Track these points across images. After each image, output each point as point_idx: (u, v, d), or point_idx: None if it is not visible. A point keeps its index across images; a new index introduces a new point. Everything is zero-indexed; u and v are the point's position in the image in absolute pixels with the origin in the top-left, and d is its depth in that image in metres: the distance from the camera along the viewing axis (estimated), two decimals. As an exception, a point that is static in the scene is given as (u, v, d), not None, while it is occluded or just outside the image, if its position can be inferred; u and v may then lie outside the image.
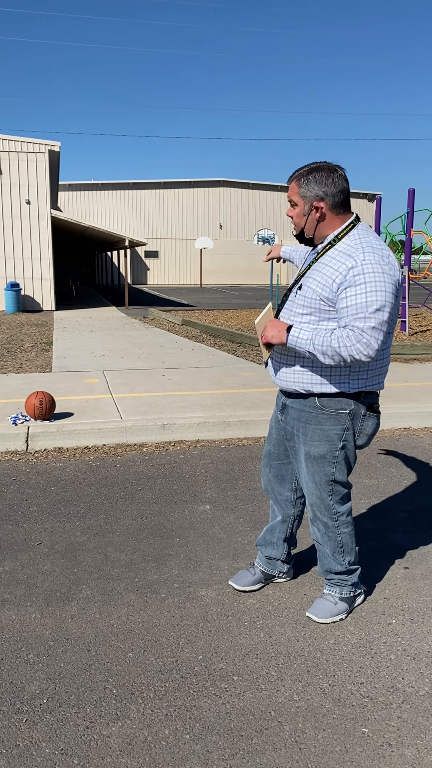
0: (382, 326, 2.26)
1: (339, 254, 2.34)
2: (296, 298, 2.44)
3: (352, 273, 2.27)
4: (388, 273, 2.27)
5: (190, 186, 42.17)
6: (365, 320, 2.24)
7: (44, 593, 2.89)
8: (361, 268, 2.26)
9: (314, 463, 2.54)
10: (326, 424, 2.48)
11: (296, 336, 2.35)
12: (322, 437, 2.50)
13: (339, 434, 2.49)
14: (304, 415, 2.52)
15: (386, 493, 4.14)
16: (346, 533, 2.65)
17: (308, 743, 2.01)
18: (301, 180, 2.38)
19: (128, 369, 7.99)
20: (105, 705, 2.18)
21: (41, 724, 2.10)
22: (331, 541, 2.64)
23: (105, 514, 3.76)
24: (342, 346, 2.26)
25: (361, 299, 2.25)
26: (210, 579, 3.02)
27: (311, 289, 2.37)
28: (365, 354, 2.26)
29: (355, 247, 2.32)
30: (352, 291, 2.26)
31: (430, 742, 2.02)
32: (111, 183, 41.10)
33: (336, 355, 2.28)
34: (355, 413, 2.48)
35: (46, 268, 18.12)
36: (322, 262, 2.39)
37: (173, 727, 2.08)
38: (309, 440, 2.53)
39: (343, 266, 2.29)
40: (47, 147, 17.41)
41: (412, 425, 5.75)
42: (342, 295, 2.29)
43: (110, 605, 2.79)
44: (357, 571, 2.73)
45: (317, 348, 2.30)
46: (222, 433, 5.35)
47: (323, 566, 2.72)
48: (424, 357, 9.15)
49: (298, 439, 2.58)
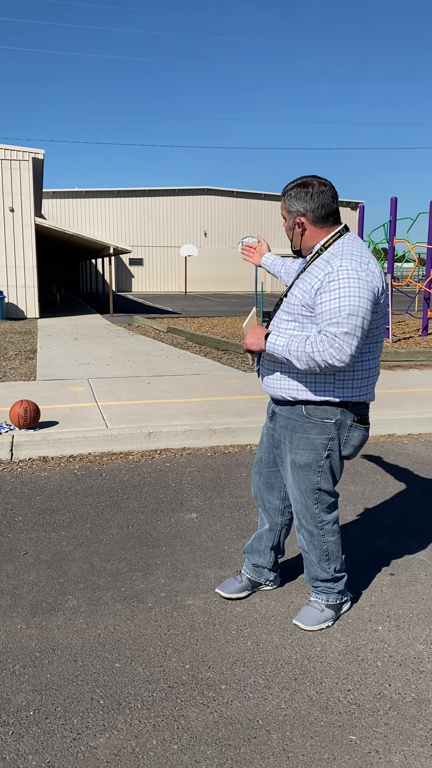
0: (355, 331, 2.25)
1: (320, 262, 2.40)
2: (283, 306, 2.50)
3: (327, 279, 2.30)
4: (364, 279, 2.27)
5: (174, 194, 42.25)
6: (338, 325, 2.25)
7: (30, 604, 2.87)
8: (336, 273, 2.28)
9: (299, 472, 2.55)
10: (311, 433, 2.50)
11: (273, 342, 2.39)
12: (307, 446, 2.51)
13: (324, 443, 2.50)
14: (291, 423, 2.54)
15: (371, 500, 4.16)
16: (332, 541, 2.65)
17: (296, 751, 2.02)
18: (285, 196, 2.49)
19: (113, 377, 7.97)
20: (92, 716, 2.17)
21: (28, 736, 2.08)
22: (316, 549, 2.65)
23: (91, 524, 3.75)
24: (315, 351, 2.26)
25: (334, 304, 2.26)
26: (197, 587, 3.02)
27: (294, 296, 2.43)
28: (338, 359, 2.25)
29: (334, 254, 2.36)
30: (326, 296, 2.28)
31: (417, 748, 2.03)
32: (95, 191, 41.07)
33: (310, 361, 2.28)
34: (341, 423, 2.48)
35: (30, 275, 18.05)
36: (307, 270, 2.44)
37: (161, 738, 2.07)
38: (294, 448, 2.54)
39: (321, 272, 2.35)
40: (31, 155, 17.37)
41: (396, 432, 5.79)
42: (317, 300, 2.32)
43: (97, 615, 2.78)
44: (343, 579, 2.74)
45: (292, 354, 2.32)
46: (208, 441, 5.35)
47: (310, 574, 2.74)
48: (407, 364, 9.23)
49: (285, 447, 2.60)
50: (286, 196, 2.48)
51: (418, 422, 5.87)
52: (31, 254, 17.95)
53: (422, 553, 3.39)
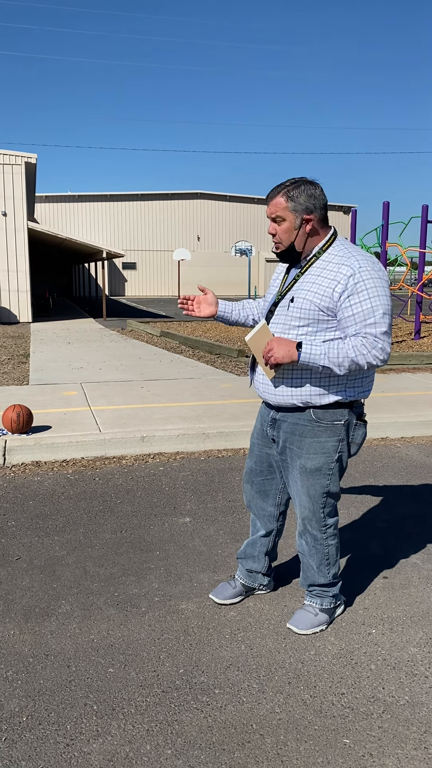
0: (390, 329, 2.33)
1: (331, 264, 2.36)
2: (290, 311, 2.41)
3: (352, 281, 2.30)
4: (383, 278, 2.34)
5: (167, 198, 42.29)
6: (375, 326, 2.29)
7: (23, 609, 2.86)
8: (359, 275, 2.30)
9: (309, 477, 2.53)
10: (322, 437, 2.48)
11: (309, 352, 2.31)
12: (318, 450, 2.49)
13: (335, 446, 2.50)
14: (299, 429, 2.50)
15: (365, 503, 4.17)
16: (333, 545, 2.66)
17: (290, 755, 2.01)
18: (289, 194, 2.36)
19: (107, 381, 7.96)
20: (85, 721, 2.16)
21: (20, 742, 2.07)
22: (318, 553, 2.65)
23: (84, 528, 3.74)
24: (359, 355, 2.29)
25: (366, 305, 2.29)
26: (190, 592, 3.01)
27: (308, 300, 2.36)
28: (381, 359, 2.32)
29: (346, 256, 2.35)
30: (356, 299, 2.30)
31: (410, 751, 2.04)
32: (88, 195, 41.06)
33: (353, 365, 2.30)
34: (348, 423, 2.50)
35: (23, 280, 18.01)
36: (313, 273, 2.40)
37: (155, 743, 2.06)
38: (305, 453, 2.51)
39: (341, 275, 2.32)
40: (24, 159, 17.36)
41: (390, 435, 5.81)
42: (345, 304, 2.31)
43: (90, 620, 2.77)
44: (338, 584, 2.74)
45: (332, 360, 2.30)
46: (202, 445, 5.35)
47: (307, 579, 2.73)
48: (400, 367, 9.26)
49: (292, 453, 2.55)
50: (289, 195, 2.35)
51: (411, 425, 5.88)
52: (23, 258, 17.92)
53: (415, 557, 3.40)
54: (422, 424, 5.91)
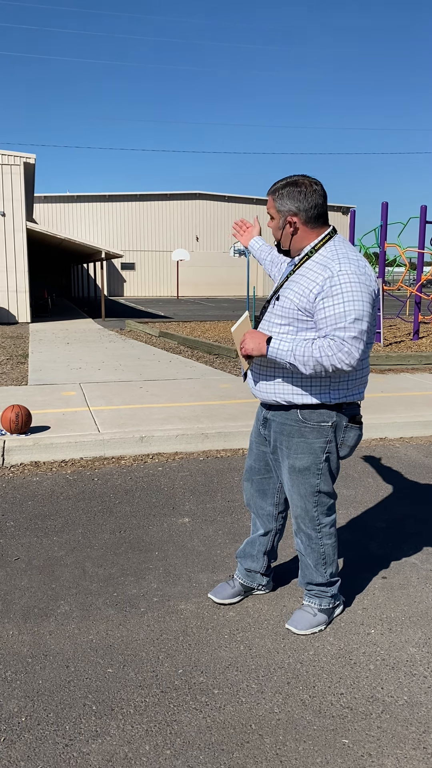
0: (362, 335, 2.28)
1: (315, 265, 2.37)
2: (274, 309, 2.45)
3: (329, 283, 2.29)
4: (364, 283, 2.29)
5: (166, 198, 42.29)
6: (345, 330, 2.26)
7: (22, 609, 2.86)
8: (337, 278, 2.28)
9: (298, 476, 2.54)
10: (309, 437, 2.49)
11: (276, 347, 2.34)
12: (305, 450, 2.50)
13: (322, 446, 2.50)
14: (287, 428, 2.52)
15: (363, 504, 4.17)
16: (329, 545, 2.66)
17: (289, 755, 2.01)
18: (276, 194, 2.41)
19: (105, 381, 7.96)
20: (84, 722, 2.16)
21: (19, 743, 2.07)
22: (314, 552, 2.65)
23: (83, 529, 3.74)
24: (324, 356, 2.27)
25: (339, 309, 2.27)
26: (189, 592, 3.01)
27: (289, 299, 2.39)
28: (347, 363, 2.27)
29: (331, 257, 2.35)
30: (329, 301, 2.28)
31: (409, 751, 2.04)
32: (87, 195, 41.05)
33: (318, 365, 2.28)
34: (337, 425, 2.49)
35: (22, 280, 18.00)
36: (299, 273, 2.41)
37: (154, 743, 2.06)
38: (293, 453, 2.53)
39: (320, 276, 2.32)
40: (22, 159, 17.35)
41: (388, 435, 5.81)
42: (320, 305, 2.30)
43: (89, 620, 2.77)
44: (337, 583, 2.74)
45: (298, 359, 2.30)
46: (200, 445, 5.35)
47: (305, 577, 2.73)
48: (398, 368, 9.26)
49: (281, 452, 2.58)
50: (276, 194, 2.41)
51: (410, 426, 5.89)
52: (22, 259, 17.91)
53: (414, 557, 3.40)
54: (421, 425, 5.92)
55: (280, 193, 2.40)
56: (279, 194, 2.40)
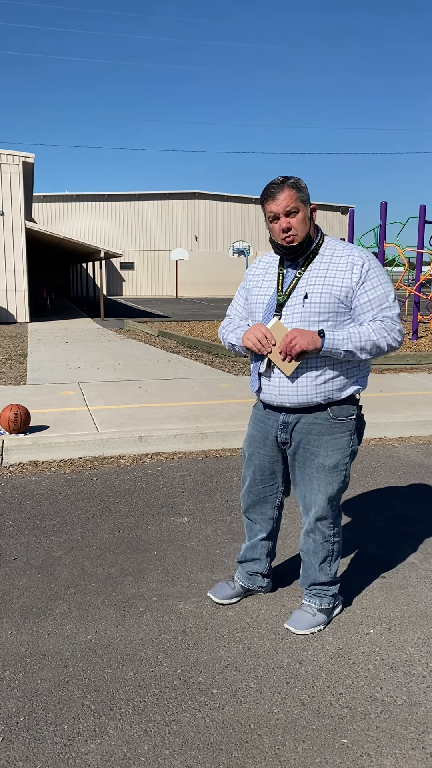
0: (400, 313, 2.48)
1: (337, 258, 2.42)
2: (307, 308, 2.38)
3: (364, 269, 2.39)
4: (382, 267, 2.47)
5: (165, 198, 42.28)
6: (390, 309, 2.41)
7: (20, 609, 2.85)
8: (369, 263, 2.41)
9: (328, 474, 2.54)
10: (337, 433, 2.52)
11: (332, 338, 2.33)
12: (335, 446, 2.52)
13: (348, 440, 2.55)
14: (316, 428, 2.51)
15: (362, 503, 4.17)
16: (338, 542, 2.70)
17: (288, 755, 2.01)
18: (297, 186, 2.36)
19: (104, 381, 7.95)
20: (83, 722, 2.16)
21: (18, 743, 2.06)
22: (324, 550, 2.66)
23: (82, 528, 3.73)
24: (380, 338, 2.37)
25: (380, 291, 2.40)
26: (188, 592, 3.01)
27: (326, 294, 2.37)
28: (399, 341, 2.42)
29: (348, 248, 2.45)
30: (369, 285, 2.39)
31: (408, 751, 2.03)
32: (85, 195, 41.03)
33: (374, 348, 2.38)
34: (357, 417, 2.56)
35: (21, 279, 17.99)
36: (319, 268, 2.41)
37: (152, 743, 2.06)
38: (323, 451, 2.52)
39: (354, 265, 2.39)
40: (21, 158, 17.34)
41: (387, 435, 5.81)
42: (360, 291, 2.39)
43: (88, 620, 2.77)
44: (338, 583, 2.75)
45: (355, 345, 2.35)
46: (199, 445, 5.35)
47: (308, 578, 2.73)
48: (397, 367, 9.27)
49: (307, 452, 2.54)
50: (297, 187, 2.35)
51: (409, 425, 5.89)
52: (21, 258, 17.90)
53: (413, 556, 3.40)
54: (420, 424, 5.92)
55: (300, 184, 2.37)
56: (300, 186, 2.37)
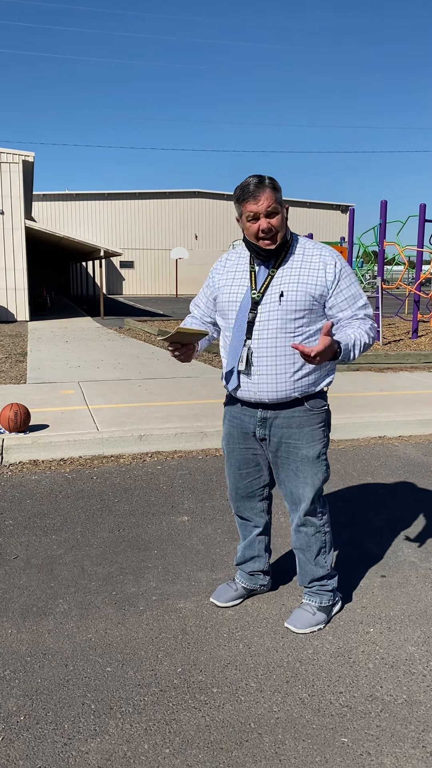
0: None
1: (309, 256, 2.45)
2: (283, 306, 2.39)
3: (337, 267, 2.44)
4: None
5: (165, 197, 42.27)
6: (365, 307, 2.49)
7: (20, 608, 2.85)
8: (340, 262, 2.46)
9: (312, 465, 2.57)
10: (315, 424, 2.57)
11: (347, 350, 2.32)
12: (315, 437, 2.57)
13: (324, 430, 2.61)
14: (296, 421, 2.54)
15: (362, 502, 4.17)
16: (329, 532, 2.72)
17: (288, 754, 2.01)
18: (274, 187, 2.35)
19: (104, 380, 7.95)
20: (83, 721, 2.16)
21: (18, 741, 2.06)
22: (318, 542, 2.67)
23: (82, 527, 3.73)
24: (369, 338, 2.45)
25: (354, 289, 2.48)
26: (188, 591, 3.01)
27: (301, 292, 2.39)
28: (374, 336, 2.50)
29: (317, 246, 2.48)
30: (344, 284, 2.45)
31: (408, 750, 2.04)
32: (85, 193, 41.01)
33: (366, 346, 2.44)
34: (328, 408, 2.64)
35: (21, 278, 17.99)
36: (292, 266, 2.43)
37: (152, 742, 2.06)
38: (305, 443, 2.55)
39: (326, 264, 2.42)
40: (21, 157, 17.32)
41: (387, 434, 5.81)
42: (336, 290, 2.43)
43: (88, 619, 2.77)
44: (335, 576, 2.76)
45: (357, 346, 2.39)
46: (199, 444, 5.35)
47: (306, 575, 2.73)
48: (397, 366, 9.26)
49: (290, 446, 2.57)
50: (275, 186, 2.34)
51: (409, 424, 5.89)
52: (21, 257, 17.89)
53: (413, 555, 3.40)
54: (420, 423, 5.92)
55: (276, 186, 2.36)
56: (277, 187, 2.35)
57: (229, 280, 2.56)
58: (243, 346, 2.46)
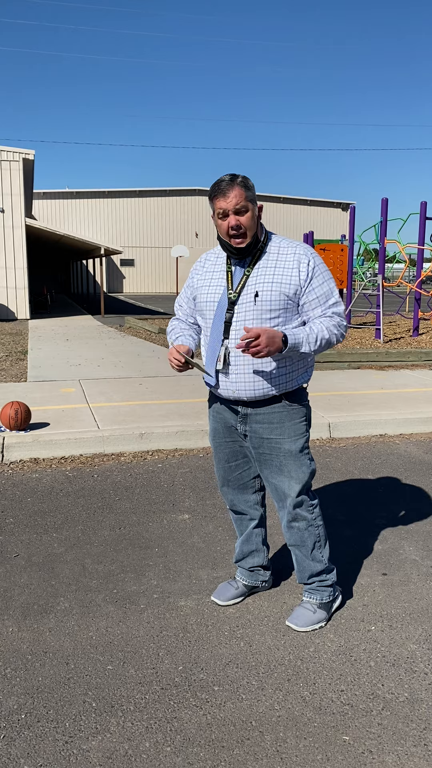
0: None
1: (283, 255, 2.44)
2: (258, 305, 2.41)
3: (311, 265, 2.43)
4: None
5: (165, 195, 42.24)
6: (337, 305, 2.48)
7: (21, 606, 2.85)
8: (314, 260, 2.45)
9: (295, 460, 2.57)
10: (296, 419, 2.58)
11: (294, 342, 2.34)
12: (297, 432, 2.58)
13: (305, 425, 2.62)
14: (276, 416, 2.55)
15: (363, 500, 4.17)
16: (322, 525, 2.71)
17: (289, 752, 2.01)
18: (245, 185, 2.36)
19: (105, 378, 7.95)
20: (84, 719, 2.16)
21: (19, 740, 2.06)
22: (312, 536, 2.67)
23: (83, 525, 3.73)
24: (332, 334, 2.44)
25: (326, 288, 2.46)
26: (189, 589, 3.01)
27: (275, 291, 2.40)
28: (343, 335, 2.50)
29: (292, 245, 2.47)
30: (317, 281, 2.44)
31: (410, 748, 2.03)
32: (86, 191, 40.99)
33: (327, 344, 2.45)
34: (308, 404, 2.65)
35: (21, 276, 17.98)
36: (267, 266, 2.43)
37: (154, 740, 2.06)
38: (287, 438, 2.56)
39: (300, 263, 2.42)
40: (21, 155, 17.31)
41: (388, 432, 5.80)
42: (308, 288, 2.42)
43: (89, 617, 2.76)
44: (333, 570, 2.76)
45: (310, 342, 2.39)
46: (200, 442, 5.34)
47: (303, 571, 2.73)
48: (398, 364, 9.26)
49: (272, 442, 2.58)
50: (246, 184, 2.36)
51: (410, 422, 5.88)
52: (21, 255, 17.89)
53: (414, 553, 3.40)
54: (421, 421, 5.91)
55: (248, 185, 2.37)
56: (248, 186, 2.37)
57: (207, 280, 2.57)
58: (221, 345, 2.49)
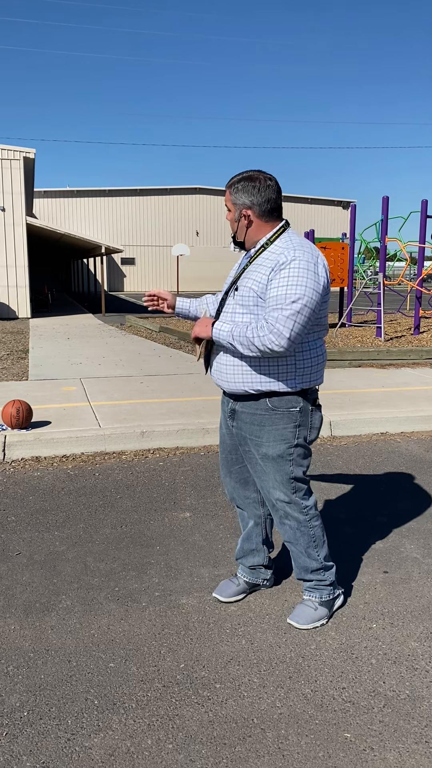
0: (296, 317, 2.31)
1: (271, 254, 2.44)
2: (235, 299, 2.50)
3: (279, 268, 2.37)
4: (313, 271, 2.36)
5: (166, 193, 42.20)
6: (281, 310, 2.31)
7: (23, 604, 2.86)
8: (289, 263, 2.35)
9: (273, 464, 2.56)
10: (280, 424, 2.53)
11: (219, 329, 2.43)
12: (278, 437, 2.54)
13: (293, 432, 2.54)
14: (257, 418, 2.55)
15: (365, 498, 4.17)
16: (317, 526, 2.68)
17: (291, 749, 2.02)
18: (232, 188, 2.48)
19: (106, 376, 7.95)
20: (86, 716, 2.16)
21: (22, 737, 2.07)
22: (304, 536, 2.66)
23: (84, 523, 3.74)
24: (255, 336, 2.33)
25: (282, 291, 2.33)
26: (191, 587, 3.01)
27: (247, 288, 2.45)
28: (277, 344, 2.30)
29: (285, 247, 2.42)
30: (275, 283, 2.36)
31: (411, 745, 2.04)
32: (87, 190, 40.96)
33: (251, 345, 2.35)
34: (303, 410, 2.55)
35: (22, 275, 17.98)
36: (256, 263, 2.47)
37: (156, 737, 2.07)
38: (265, 442, 2.55)
39: (276, 263, 2.40)
40: (22, 154, 17.31)
41: (389, 430, 5.80)
42: (269, 287, 2.39)
43: (91, 615, 2.77)
44: (332, 569, 2.75)
45: (236, 339, 2.39)
46: (201, 440, 5.35)
47: (299, 566, 2.73)
48: (399, 362, 9.25)
49: (252, 443, 2.59)
50: (232, 188, 2.48)
51: (411, 420, 5.88)
52: (22, 254, 17.89)
53: (415, 551, 3.40)
54: (422, 419, 5.91)
55: (235, 187, 2.47)
56: (235, 188, 2.47)
57: (231, 270, 2.72)
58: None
